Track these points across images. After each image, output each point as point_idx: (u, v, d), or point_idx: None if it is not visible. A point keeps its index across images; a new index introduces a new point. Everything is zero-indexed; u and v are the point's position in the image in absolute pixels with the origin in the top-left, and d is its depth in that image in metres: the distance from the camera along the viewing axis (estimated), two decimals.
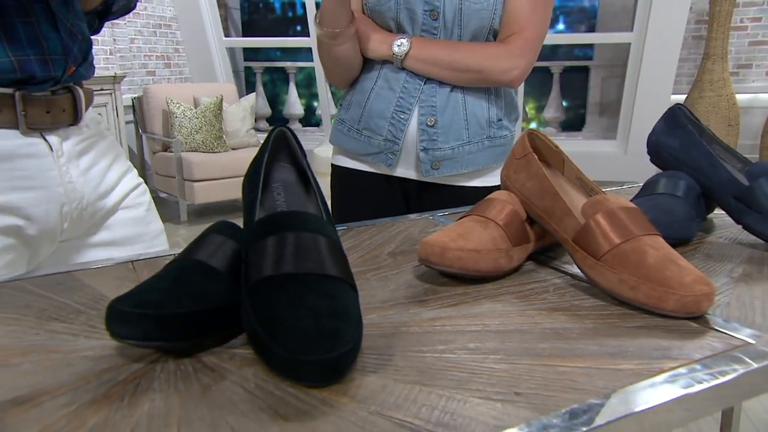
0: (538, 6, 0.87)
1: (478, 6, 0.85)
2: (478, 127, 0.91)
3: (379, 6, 0.89)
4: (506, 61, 0.86)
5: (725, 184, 0.61)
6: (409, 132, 0.90)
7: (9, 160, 0.58)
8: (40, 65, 0.57)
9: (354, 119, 0.94)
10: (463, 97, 0.90)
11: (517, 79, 0.88)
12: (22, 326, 0.43)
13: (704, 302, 0.43)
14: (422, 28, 0.88)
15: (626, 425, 0.33)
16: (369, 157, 0.94)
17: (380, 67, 0.91)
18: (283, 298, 0.37)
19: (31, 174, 0.60)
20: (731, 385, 0.37)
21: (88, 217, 0.68)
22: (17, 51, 0.55)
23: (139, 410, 0.33)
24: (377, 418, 0.33)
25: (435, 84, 0.89)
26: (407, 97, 0.89)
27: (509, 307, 0.47)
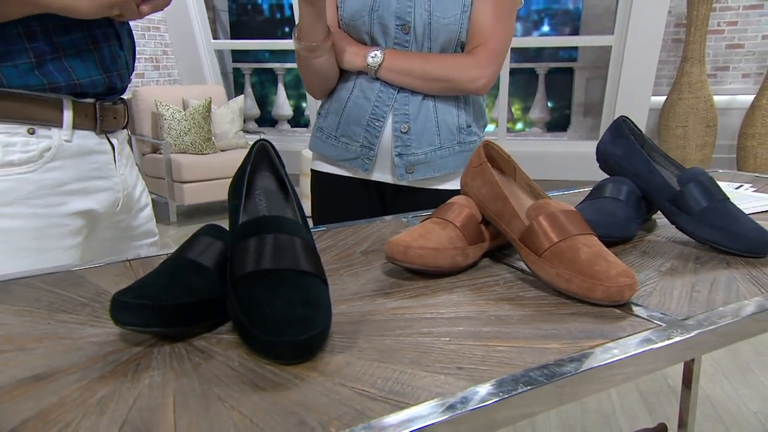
0: (501, 19, 0.94)
1: (446, 20, 0.92)
2: (448, 132, 0.97)
3: (353, 21, 0.95)
4: (473, 71, 0.93)
5: (661, 189, 0.68)
6: (383, 138, 0.97)
7: (88, 155, 0.73)
8: (120, 79, 0.73)
9: (332, 127, 1.01)
10: (434, 105, 0.96)
11: (484, 87, 0.95)
12: (34, 317, 0.49)
13: (626, 292, 0.50)
14: (394, 41, 0.95)
15: (545, 392, 0.40)
16: (346, 163, 1.00)
17: (356, 78, 0.97)
18: (262, 290, 0.44)
19: (100, 167, 0.75)
20: (638, 360, 0.44)
21: (129, 203, 0.82)
22: (105, 69, 0.71)
23: (140, 384, 0.40)
24: (340, 388, 0.39)
25: (407, 93, 0.95)
26: (381, 105, 0.96)
27: (462, 297, 0.54)
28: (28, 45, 0.66)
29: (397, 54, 0.94)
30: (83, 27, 0.69)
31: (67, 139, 0.70)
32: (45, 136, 0.68)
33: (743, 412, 1.61)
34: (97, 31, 0.70)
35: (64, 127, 0.69)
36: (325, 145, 1.02)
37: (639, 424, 1.58)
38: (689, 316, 0.49)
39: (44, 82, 0.67)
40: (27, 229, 0.68)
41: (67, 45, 0.68)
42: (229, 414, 0.36)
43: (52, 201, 0.70)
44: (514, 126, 5.61)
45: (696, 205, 0.65)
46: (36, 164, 0.68)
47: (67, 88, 0.68)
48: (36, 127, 0.67)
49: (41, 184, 0.69)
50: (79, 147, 0.72)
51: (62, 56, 0.68)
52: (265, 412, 0.37)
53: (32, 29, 0.66)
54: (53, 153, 0.69)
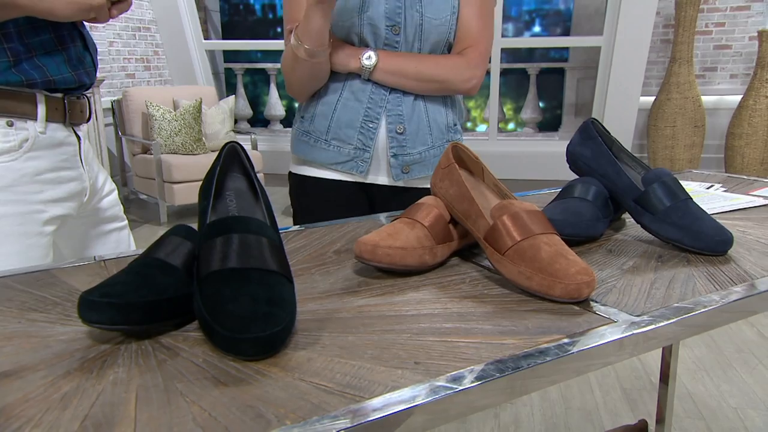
0: (487, 21, 0.97)
1: (437, 21, 0.94)
2: (439, 132, 1.00)
3: (342, 21, 0.94)
4: (466, 72, 0.96)
5: (627, 189, 0.70)
6: (378, 140, 0.98)
7: (59, 147, 0.78)
8: (87, 76, 0.78)
9: (321, 130, 1.00)
10: (425, 105, 0.98)
11: (475, 88, 0.98)
12: (5, 316, 0.50)
13: (585, 289, 0.52)
14: (384, 42, 0.95)
15: (498, 385, 0.41)
16: (339, 166, 1.00)
17: (345, 80, 0.97)
18: (227, 288, 0.45)
19: (68, 158, 0.79)
20: (589, 355, 0.45)
21: (92, 191, 0.86)
22: (74, 68, 0.76)
23: (105, 380, 0.41)
24: (299, 383, 0.41)
25: (399, 94, 0.96)
26: (374, 107, 0.96)
27: (428, 295, 0.56)
28: (6, 45, 0.70)
29: (391, 55, 0.94)
30: (51, 29, 0.73)
31: (42, 131, 0.75)
32: (22, 128, 0.73)
33: (723, 407, 1.64)
34: (64, 32, 0.75)
35: (38, 119, 0.74)
36: (314, 148, 1.01)
37: (621, 421, 1.60)
38: (644, 313, 0.51)
39: (22, 79, 0.71)
40: (12, 215, 0.72)
41: (38, 45, 0.72)
42: (189, 408, 0.38)
43: (32, 188, 0.74)
44: (505, 126, 5.64)
45: (659, 204, 0.66)
46: (17, 153, 0.73)
47: (42, 84, 0.73)
48: (14, 119, 0.72)
49: (23, 172, 0.73)
50: (51, 138, 0.76)
51: (34, 55, 0.72)
52: (224, 406, 0.38)
53: (8, 31, 0.70)
54: (31, 144, 0.74)
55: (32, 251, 0.74)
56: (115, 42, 4.19)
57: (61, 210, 0.79)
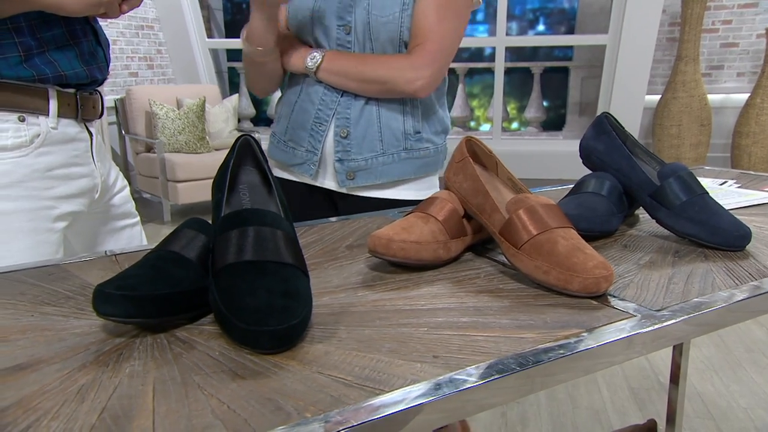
0: (444, 18, 0.88)
1: (384, 19, 0.88)
2: (393, 138, 0.93)
3: (296, 22, 0.94)
4: (409, 72, 0.88)
5: (642, 184, 0.69)
6: (326, 143, 0.94)
7: (71, 142, 0.77)
8: (99, 71, 0.77)
9: (282, 131, 0.99)
10: (378, 110, 0.93)
11: (422, 90, 0.89)
12: (19, 309, 0.50)
13: (603, 284, 0.51)
14: (337, 42, 0.92)
15: (517, 379, 0.41)
16: (294, 168, 0.99)
17: (302, 81, 0.96)
18: (243, 281, 0.45)
19: (80, 154, 0.79)
20: (610, 350, 0.45)
21: (104, 188, 0.86)
22: (86, 63, 0.75)
23: (121, 373, 0.40)
24: (317, 376, 0.40)
25: (350, 97, 0.92)
26: (325, 109, 0.93)
27: (443, 290, 0.55)
28: (17, 39, 0.70)
29: (336, 56, 0.91)
30: (63, 23, 0.73)
31: (53, 127, 0.74)
32: (34, 124, 0.73)
33: (733, 407, 1.63)
34: (77, 27, 0.74)
35: (50, 115, 0.73)
36: (276, 149, 1.01)
37: (629, 420, 1.59)
38: (663, 307, 0.50)
39: (34, 74, 0.71)
40: (23, 210, 0.72)
41: (50, 39, 0.72)
42: (207, 401, 0.37)
43: (43, 184, 0.74)
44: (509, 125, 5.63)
45: (675, 199, 0.66)
46: (28, 149, 0.72)
47: (54, 79, 0.73)
48: (26, 115, 0.72)
49: (34, 168, 0.73)
50: (62, 134, 0.76)
51: (46, 50, 0.72)
52: (242, 399, 0.37)
53: (19, 25, 0.70)
54: (42, 139, 0.73)
55: (42, 247, 0.73)
56: (118, 40, 4.19)
57: (73, 206, 0.79)
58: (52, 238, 0.75)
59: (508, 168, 0.64)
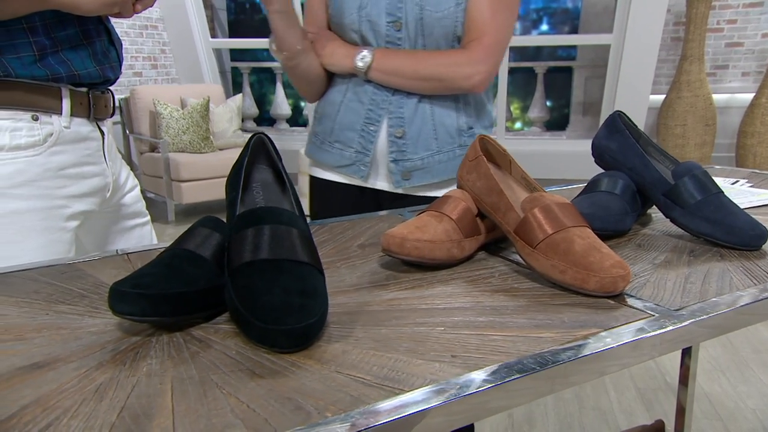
0: (498, 11, 0.87)
1: (439, 14, 0.86)
2: (447, 136, 0.92)
3: (341, 20, 0.91)
4: (467, 68, 0.87)
5: (656, 183, 0.69)
6: (379, 143, 0.92)
7: (83, 141, 0.77)
8: (112, 71, 0.77)
9: (326, 132, 0.97)
10: (431, 108, 0.91)
11: (480, 85, 0.89)
12: (33, 308, 0.50)
13: (620, 283, 0.51)
14: (386, 40, 0.90)
15: (538, 379, 0.40)
16: (342, 169, 0.96)
17: (348, 81, 0.94)
18: (259, 280, 0.44)
19: (92, 153, 0.79)
20: (630, 349, 0.44)
21: (115, 187, 0.86)
22: (99, 62, 0.75)
23: (139, 371, 0.40)
24: (336, 375, 0.40)
25: (403, 95, 0.90)
26: (376, 108, 0.91)
27: (458, 289, 0.55)
28: (31, 39, 0.70)
29: (387, 53, 0.89)
30: (77, 23, 0.73)
31: (66, 126, 0.74)
32: (47, 123, 0.73)
33: (741, 408, 1.62)
34: (90, 26, 0.74)
35: (63, 114, 0.73)
36: (320, 150, 0.98)
37: (637, 421, 1.58)
38: (682, 307, 0.50)
39: (48, 73, 0.71)
40: (35, 209, 0.72)
41: (64, 39, 0.72)
42: (226, 400, 0.37)
43: (55, 183, 0.74)
44: (513, 125, 5.62)
45: (690, 198, 0.65)
46: (41, 148, 0.72)
47: (67, 78, 0.73)
48: (39, 114, 0.72)
49: (47, 167, 0.73)
50: (75, 133, 0.76)
51: (60, 50, 0.72)
52: (262, 398, 0.37)
53: (34, 24, 0.70)
54: (55, 138, 0.73)
55: (55, 246, 0.73)
56: (122, 40, 4.19)
57: (84, 205, 0.78)
58: (64, 237, 0.75)
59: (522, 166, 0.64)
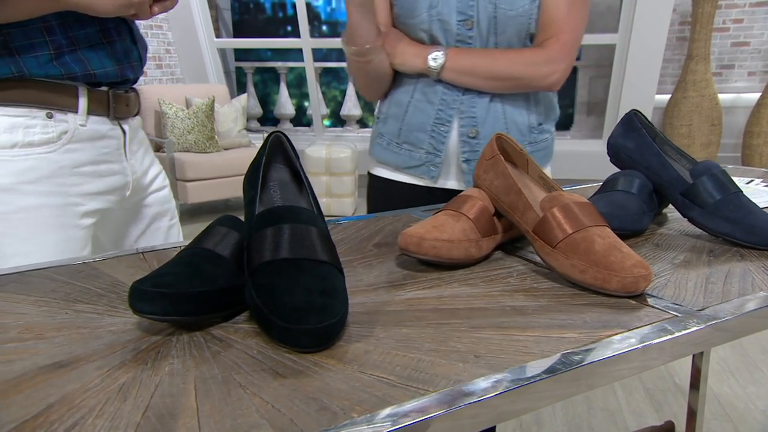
0: (574, 7, 0.86)
1: (513, 12, 0.84)
2: (518, 134, 0.91)
3: (410, 19, 0.89)
4: (545, 67, 0.86)
5: (673, 182, 0.68)
6: (450, 144, 0.91)
7: (101, 140, 0.77)
8: (131, 70, 0.77)
9: (393, 133, 0.95)
10: (503, 107, 0.90)
11: (557, 83, 0.88)
12: (52, 307, 0.50)
13: (642, 283, 0.50)
14: (457, 39, 0.87)
15: (564, 379, 0.40)
16: (411, 170, 0.95)
17: (416, 80, 0.91)
18: (280, 279, 0.44)
19: (111, 151, 0.79)
20: (655, 349, 0.44)
21: (137, 186, 0.86)
22: (118, 62, 0.75)
23: (161, 371, 0.40)
24: (360, 375, 0.39)
25: (474, 94, 0.89)
26: (446, 109, 0.90)
27: (477, 289, 0.54)
28: (47, 38, 0.70)
29: (460, 53, 0.87)
30: (97, 22, 0.73)
31: (82, 124, 0.74)
32: (62, 121, 0.73)
33: (751, 409, 1.61)
34: (111, 26, 0.74)
35: (79, 112, 0.74)
36: (387, 151, 0.97)
37: (645, 422, 1.58)
38: (705, 307, 0.49)
39: (62, 72, 0.71)
40: (49, 206, 0.72)
41: (82, 38, 0.72)
42: (250, 400, 0.37)
43: (70, 180, 0.74)
44: None
45: (709, 198, 0.64)
46: (55, 145, 0.72)
47: (83, 77, 0.73)
48: (54, 111, 0.72)
49: (61, 164, 0.73)
50: (92, 131, 0.76)
51: (78, 48, 0.72)
52: (286, 398, 0.37)
53: (50, 23, 0.70)
54: (70, 136, 0.73)
55: (68, 243, 0.73)
56: None
57: (100, 203, 0.78)
58: (78, 234, 0.74)
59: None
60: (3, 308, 0.49)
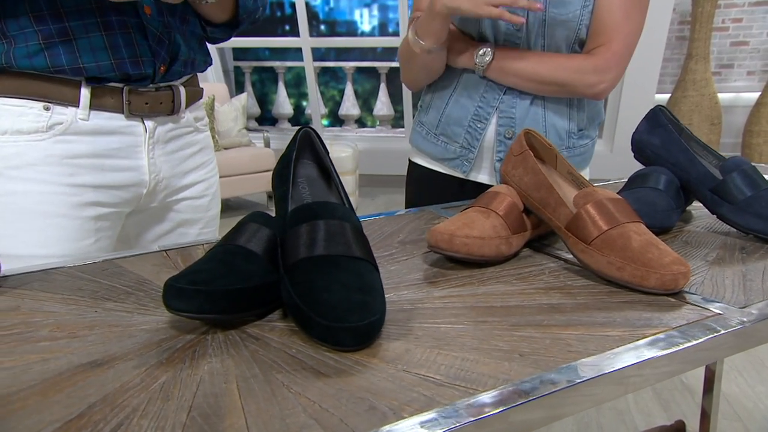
0: (630, 14, 0.82)
1: (563, 17, 0.83)
2: (556, 138, 0.90)
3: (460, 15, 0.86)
4: (592, 76, 0.83)
5: (702, 178, 0.68)
6: (485, 141, 0.91)
7: (110, 135, 0.76)
8: (133, 65, 0.73)
9: (432, 123, 0.96)
10: (544, 110, 0.89)
11: (603, 93, 0.86)
12: (80, 305, 0.48)
13: (681, 280, 0.50)
14: (505, 38, 0.87)
15: (612, 379, 0.39)
16: (445, 162, 0.95)
17: (460, 75, 0.91)
18: (318, 276, 0.43)
19: (124, 147, 0.77)
20: (702, 348, 0.43)
21: (162, 189, 0.83)
22: (116, 55, 0.72)
23: (200, 370, 0.39)
24: (404, 374, 0.38)
25: (515, 94, 0.88)
26: (485, 106, 0.89)
27: (510, 287, 0.53)
28: (37, 27, 0.68)
29: (508, 52, 0.86)
30: (97, 13, 0.70)
31: (83, 118, 0.73)
32: (60, 113, 0.72)
33: (760, 409, 1.61)
34: (114, 18, 0.71)
35: (80, 106, 0.72)
36: (425, 141, 0.97)
37: (654, 421, 1.57)
38: (747, 305, 0.48)
39: (48, 64, 0.69)
40: (32, 192, 0.71)
41: (78, 29, 0.69)
42: (296, 400, 0.36)
43: (59, 170, 0.72)
44: None
45: (740, 194, 0.64)
46: (44, 135, 0.71)
47: (71, 71, 0.71)
48: (52, 104, 0.71)
49: (48, 153, 0.72)
50: (95, 126, 0.74)
51: (70, 39, 0.69)
52: (332, 397, 0.36)
53: (42, 13, 0.68)
54: (64, 128, 0.72)
55: (54, 231, 0.72)
56: None
57: (104, 197, 0.76)
58: (70, 224, 0.73)
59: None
60: (31, 306, 0.48)
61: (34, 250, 0.71)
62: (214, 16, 0.82)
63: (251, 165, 3.69)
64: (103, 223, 0.77)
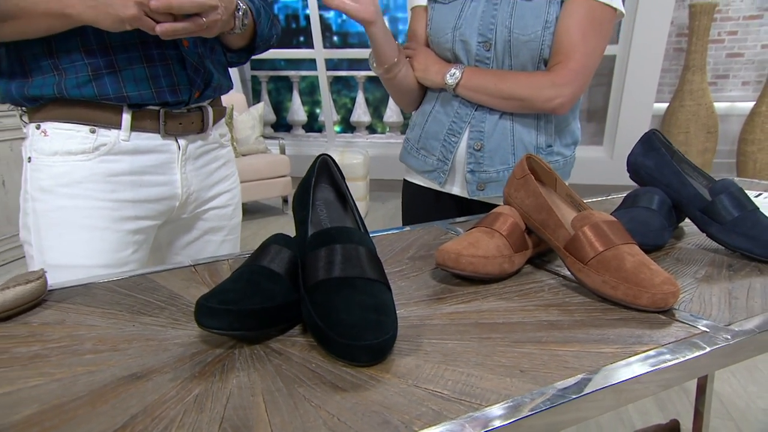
0: (586, 35, 0.88)
1: (525, 38, 0.90)
2: (524, 152, 0.95)
3: (437, 38, 0.98)
4: (549, 90, 0.89)
5: (692, 199, 0.72)
6: (458, 154, 0.99)
7: (148, 153, 0.82)
8: (171, 93, 0.80)
9: (415, 138, 1.05)
10: (512, 125, 0.95)
11: (561, 107, 0.91)
12: (119, 319, 0.52)
13: (671, 299, 0.53)
14: (476, 59, 0.95)
15: (607, 394, 0.43)
16: (425, 174, 1.04)
17: (438, 93, 1.01)
18: (335, 297, 0.47)
19: (160, 164, 0.83)
20: (689, 365, 0.47)
21: (192, 201, 0.90)
22: (156, 84, 0.78)
23: (229, 383, 0.42)
24: (415, 389, 0.42)
25: (485, 110, 0.95)
26: (459, 121, 0.97)
27: (513, 303, 0.57)
28: (87, 60, 0.74)
29: (475, 72, 0.94)
30: (140, 47, 0.77)
31: (125, 139, 0.79)
32: (104, 135, 0.78)
33: (752, 408, 1.65)
34: (155, 51, 0.77)
35: (122, 128, 0.78)
36: (409, 155, 1.06)
37: (651, 420, 1.61)
38: (731, 322, 0.52)
39: (96, 94, 0.75)
40: (79, 207, 0.78)
41: (123, 61, 0.76)
42: (317, 413, 0.39)
43: (103, 187, 0.79)
44: None
45: (727, 215, 0.68)
46: (91, 155, 0.77)
47: (115, 99, 0.77)
48: (97, 127, 0.77)
49: (94, 171, 0.78)
50: (135, 146, 0.80)
51: (116, 71, 0.76)
52: (349, 411, 0.39)
53: (91, 47, 0.74)
54: (108, 148, 0.78)
55: (98, 243, 0.77)
56: None
57: (142, 211, 0.82)
58: (112, 236, 0.79)
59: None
60: (76, 320, 0.52)
61: (80, 260, 0.77)
62: (235, 44, 0.88)
63: (268, 171, 3.77)
64: (140, 236, 0.83)
